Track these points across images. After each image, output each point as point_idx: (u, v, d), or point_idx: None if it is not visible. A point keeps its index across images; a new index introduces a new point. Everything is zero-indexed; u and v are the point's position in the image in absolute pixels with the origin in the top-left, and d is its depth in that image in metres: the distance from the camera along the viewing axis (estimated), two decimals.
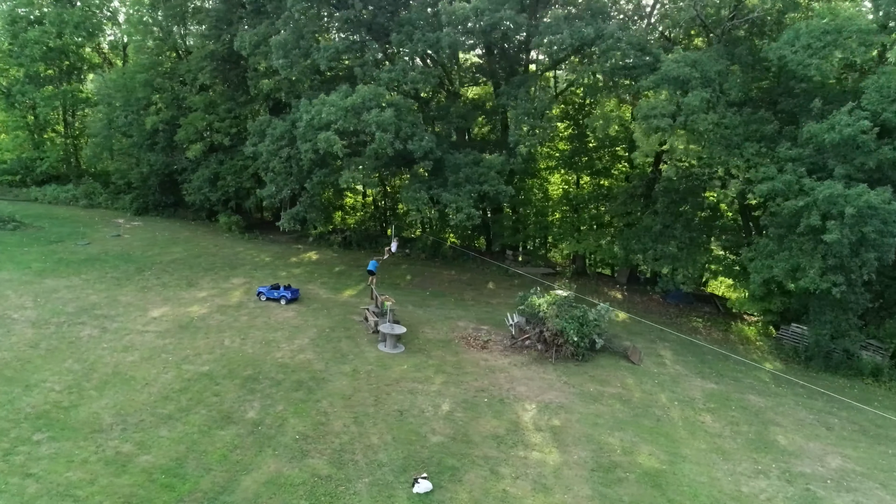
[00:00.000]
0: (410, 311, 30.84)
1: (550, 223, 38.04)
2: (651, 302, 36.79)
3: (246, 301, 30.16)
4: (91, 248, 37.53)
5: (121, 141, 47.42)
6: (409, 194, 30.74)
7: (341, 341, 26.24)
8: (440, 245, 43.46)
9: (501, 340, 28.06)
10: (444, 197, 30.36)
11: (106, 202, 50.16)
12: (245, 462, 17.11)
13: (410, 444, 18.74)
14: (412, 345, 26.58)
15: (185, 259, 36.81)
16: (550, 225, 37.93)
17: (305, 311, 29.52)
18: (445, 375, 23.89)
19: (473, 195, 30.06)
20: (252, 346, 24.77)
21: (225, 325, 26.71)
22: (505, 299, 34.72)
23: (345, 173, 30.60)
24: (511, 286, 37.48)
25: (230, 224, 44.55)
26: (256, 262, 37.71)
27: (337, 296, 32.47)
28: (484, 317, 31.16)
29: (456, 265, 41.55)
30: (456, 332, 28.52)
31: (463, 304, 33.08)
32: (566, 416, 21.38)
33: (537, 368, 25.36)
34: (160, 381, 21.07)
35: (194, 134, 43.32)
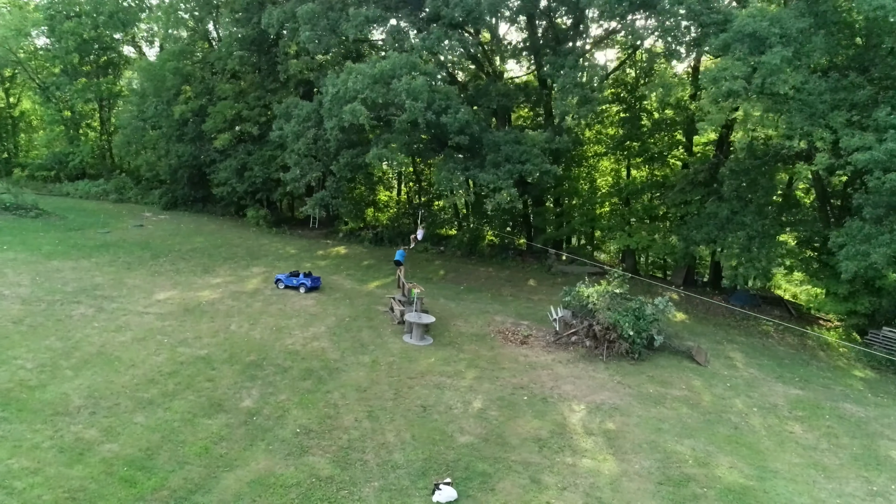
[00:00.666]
0: (442, 304, 27.49)
1: (598, 216, 34.21)
2: (712, 304, 32.58)
3: (262, 288, 27.29)
4: (110, 236, 35.43)
5: (150, 133, 45.65)
6: (443, 174, 27.55)
7: (362, 331, 23.03)
8: (477, 243, 40.08)
9: (544, 336, 24.43)
10: (480, 177, 27.06)
11: (136, 197, 48.49)
12: (230, 457, 13.92)
13: (433, 444, 15.29)
14: (442, 337, 23.20)
15: (205, 248, 34.33)
16: (598, 218, 34.11)
17: (326, 300, 26.46)
18: (478, 370, 20.40)
19: (514, 175, 26.66)
20: (261, 332, 21.76)
21: (235, 311, 23.82)
22: (547, 296, 31.06)
23: (373, 150, 27.60)
24: (554, 284, 33.80)
25: (258, 218, 42.10)
26: (280, 253, 34.98)
27: (362, 287, 29.37)
28: (524, 312, 27.59)
29: (494, 263, 38.07)
30: (492, 327, 25.03)
31: (500, 300, 29.57)
32: (622, 420, 17.61)
33: (585, 366, 21.64)
34: (148, 364, 18.16)
35: (223, 123, 41.16)
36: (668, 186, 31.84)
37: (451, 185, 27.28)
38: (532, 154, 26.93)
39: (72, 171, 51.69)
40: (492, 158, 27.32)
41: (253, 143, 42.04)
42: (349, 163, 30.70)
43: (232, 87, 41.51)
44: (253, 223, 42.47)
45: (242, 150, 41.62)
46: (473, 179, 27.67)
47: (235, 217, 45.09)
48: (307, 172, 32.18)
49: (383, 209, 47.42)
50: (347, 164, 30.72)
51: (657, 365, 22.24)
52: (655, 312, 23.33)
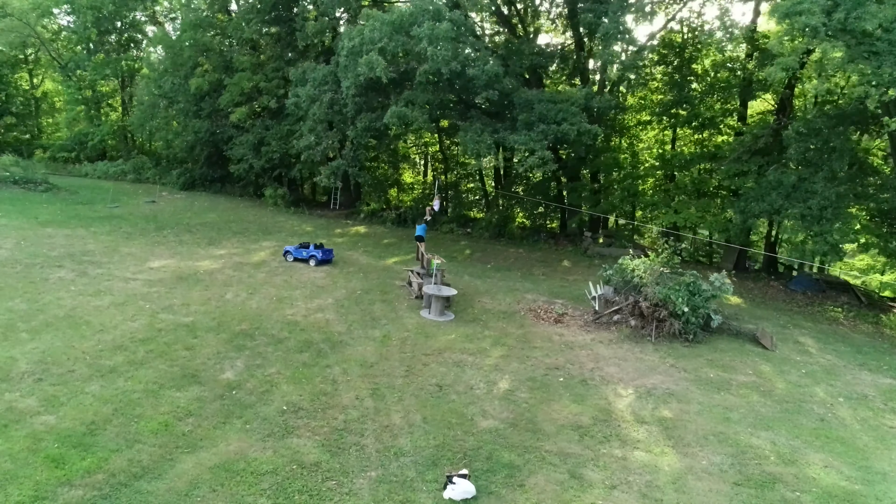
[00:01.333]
0: (466, 281, 24.51)
1: (641, 192, 30.75)
2: (769, 289, 28.94)
3: (269, 261, 24.67)
4: (118, 210, 33.33)
5: (167, 109, 43.62)
6: (470, 136, 24.53)
7: (374, 304, 20.18)
8: (506, 225, 36.94)
9: (581, 315, 21.26)
10: (511, 139, 23.97)
11: (154, 177, 46.53)
12: (195, 436, 11.15)
13: (449, 429, 12.32)
14: (465, 314, 20.23)
15: (215, 223, 31.94)
16: (641, 194, 30.64)
17: (337, 273, 23.70)
18: (506, 349, 17.35)
19: (549, 136, 23.51)
20: (259, 302, 19.06)
21: (234, 280, 21.20)
22: (584, 276, 27.81)
23: (391, 108, 24.74)
24: (591, 265, 30.53)
25: (276, 197, 39.66)
26: (295, 230, 32.39)
27: (379, 262, 26.55)
28: (558, 291, 24.43)
29: (524, 245, 34.92)
30: (522, 304, 21.95)
31: (531, 278, 26.45)
32: (680, 407, 14.38)
33: (631, 347, 18.42)
34: (120, 329, 15.56)
35: (239, 96, 38.83)
36: (720, 157, 28.27)
37: (478, 148, 24.24)
38: (569, 112, 23.75)
39: (91, 152, 50.10)
40: (524, 118, 24.23)
41: (271, 118, 39.66)
42: (368, 127, 27.87)
43: (250, 58, 39.16)
44: (271, 203, 40.09)
45: (260, 125, 39.23)
46: (503, 142, 24.59)
47: (254, 198, 42.77)
48: (322, 140, 29.47)
49: (407, 190, 44.60)
50: (366, 128, 27.89)
51: (716, 348, 18.88)
52: (711, 290, 19.99)
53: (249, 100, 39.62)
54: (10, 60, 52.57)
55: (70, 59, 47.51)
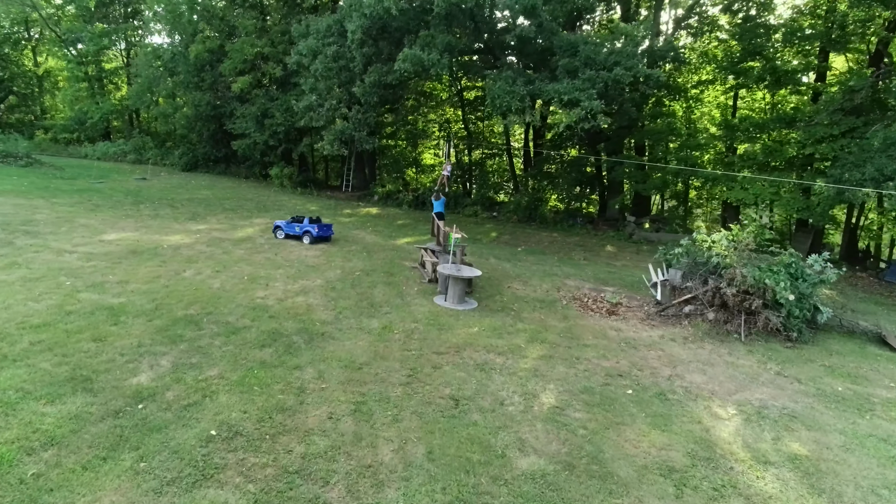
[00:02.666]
0: (493, 264, 19.81)
1: (699, 164, 25.57)
2: (858, 280, 23.71)
3: (255, 237, 20.23)
4: (102, 185, 29.25)
5: (167, 82, 39.57)
6: (499, 86, 19.76)
7: (375, 287, 15.57)
8: (537, 207, 32.08)
9: (640, 306, 16.42)
10: (550, 89, 19.14)
11: (155, 157, 42.61)
12: (45, 483, 6.61)
13: (468, 471, 7.63)
14: (492, 301, 15.52)
15: (206, 199, 27.66)
16: (699, 165, 25.45)
17: (335, 251, 19.15)
18: (547, 347, 12.59)
19: (598, 84, 18.63)
20: (225, 281, 14.56)
21: (203, 257, 16.74)
22: (633, 262, 22.92)
23: (404, 51, 20.08)
24: (639, 251, 25.59)
25: (282, 177, 35.35)
26: (298, 209, 27.97)
27: (388, 241, 21.95)
28: (606, 277, 19.58)
29: (559, 229, 30.09)
30: (563, 292, 17.17)
31: (571, 263, 21.63)
32: (814, 437, 9.49)
33: (715, 347, 13.52)
34: (13, 311, 11.13)
35: (242, 63, 34.59)
36: (798, 121, 23.07)
37: (509, 101, 19.46)
38: (624, 54, 18.84)
39: (92, 132, 46.40)
40: (566, 64, 19.39)
41: (277, 87, 35.37)
42: (378, 83, 23.23)
43: (254, 21, 34.88)
44: (277, 183, 35.83)
45: (264, 96, 34.92)
46: (539, 94, 19.80)
47: (260, 178, 38.56)
48: (326, 98, 24.93)
49: (427, 171, 39.95)
50: (376, 84, 23.25)
51: (829, 350, 13.89)
52: (816, 276, 14.99)
53: (253, 68, 35.40)
54: (13, 38, 49.23)
55: (67, 30, 43.73)
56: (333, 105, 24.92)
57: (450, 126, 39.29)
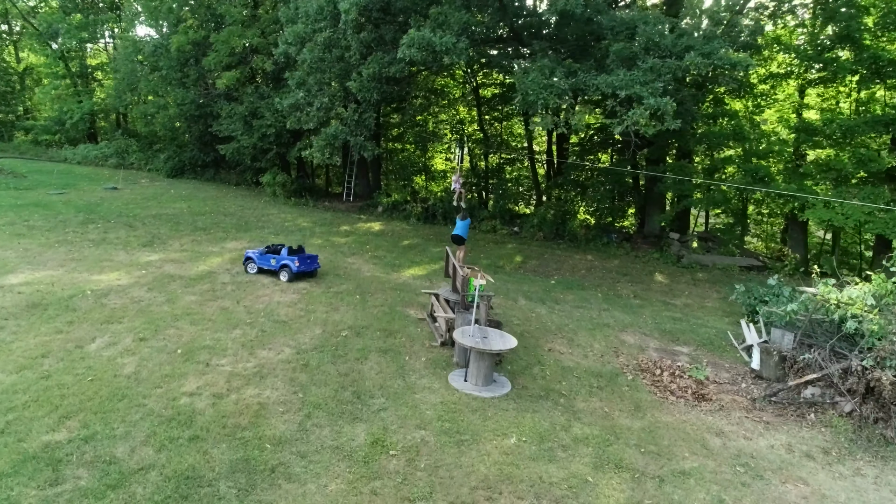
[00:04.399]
0: (524, 309, 15.14)
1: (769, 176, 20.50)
2: None
3: (219, 272, 15.64)
4: (61, 196, 24.85)
5: (148, 78, 35.09)
6: (533, 78, 15.01)
7: (367, 359, 10.92)
8: (565, 222, 27.28)
9: (735, 380, 11.72)
10: (600, 82, 14.36)
11: (139, 161, 38.20)
12: None
13: None
14: (530, 378, 10.88)
15: (177, 215, 23.14)
16: (770, 177, 20.38)
17: (320, 293, 14.51)
18: (627, 478, 7.96)
19: (665, 75, 13.85)
20: (144, 361, 9.95)
21: (134, 311, 12.15)
22: (696, 300, 18.14)
23: (410, 32, 15.35)
24: (695, 281, 20.79)
25: (274, 186, 30.78)
26: (285, 226, 23.41)
27: (390, 274, 17.28)
28: (671, 326, 14.83)
29: (591, 249, 25.33)
30: (623, 356, 12.49)
31: (620, 302, 16.88)
32: None
33: (879, 468, 8.81)
34: None
35: (229, 57, 30.06)
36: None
37: (545, 98, 14.71)
38: (699, 36, 14.02)
39: (73, 133, 42.02)
40: (620, 50, 14.60)
41: (267, 84, 30.83)
42: (378, 75, 18.53)
43: (242, 10, 30.33)
44: (269, 192, 31.28)
45: (253, 93, 30.36)
46: (585, 89, 14.97)
47: (252, 186, 34.03)
48: (316, 94, 20.29)
49: (438, 178, 35.26)
50: (375, 77, 18.55)
51: None
52: None
53: (242, 62, 30.87)
54: None
55: (42, 21, 39.37)
56: (325, 103, 20.27)
57: (462, 127, 34.56)
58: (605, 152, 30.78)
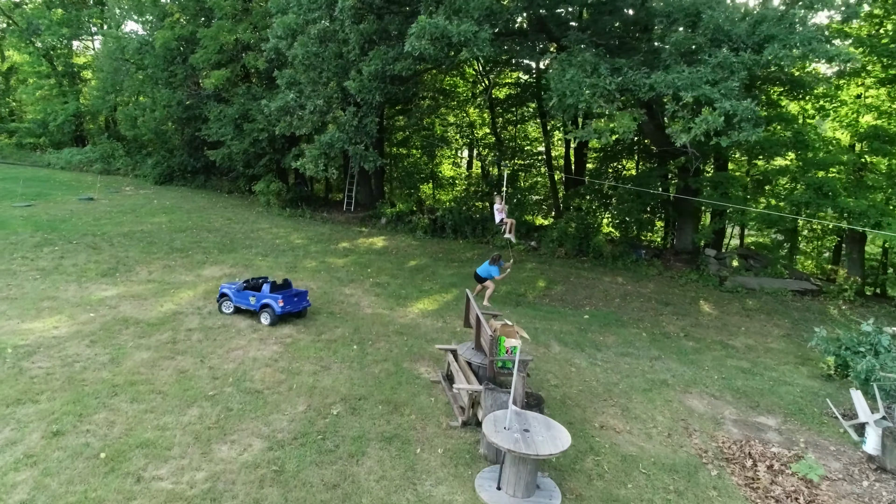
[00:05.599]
0: (558, 358, 12.22)
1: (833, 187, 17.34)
2: None
3: (189, 311, 12.73)
4: (26, 209, 22.01)
5: (133, 77, 32.21)
6: (572, 76, 12.02)
7: (366, 456, 7.96)
8: (589, 236, 24.29)
9: (850, 474, 8.75)
10: (656, 81, 11.38)
11: (125, 167, 35.37)
12: None
13: None
14: (581, 478, 7.91)
15: (153, 233, 20.25)
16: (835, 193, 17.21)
17: (308, 342, 11.57)
18: None
19: (739, 71, 10.82)
20: (49, 480, 7.02)
21: (62, 379, 9.26)
22: (759, 338, 15.16)
23: (420, 19, 12.38)
24: (748, 311, 17.80)
25: (268, 195, 27.87)
26: (276, 244, 20.51)
27: (394, 310, 14.34)
28: (744, 385, 11.84)
29: (619, 268, 22.39)
30: (697, 434, 9.51)
31: (671, 345, 13.90)
32: None
33: None
34: None
35: (217, 54, 27.18)
36: None
37: (588, 99, 11.73)
38: (782, 22, 11.00)
39: (58, 136, 39.21)
40: (679, 41, 11.60)
41: (260, 84, 27.92)
42: (380, 74, 15.56)
43: (232, 2, 27.38)
44: (263, 201, 28.38)
45: (244, 94, 27.44)
46: (636, 90, 11.96)
47: (246, 194, 31.14)
48: (310, 96, 17.35)
49: (446, 186, 32.28)
50: (377, 75, 15.59)
51: None
52: None
53: (232, 60, 27.99)
54: None
55: (24, 18, 36.49)
56: (320, 106, 17.33)
57: (473, 130, 31.52)
58: (631, 159, 27.75)
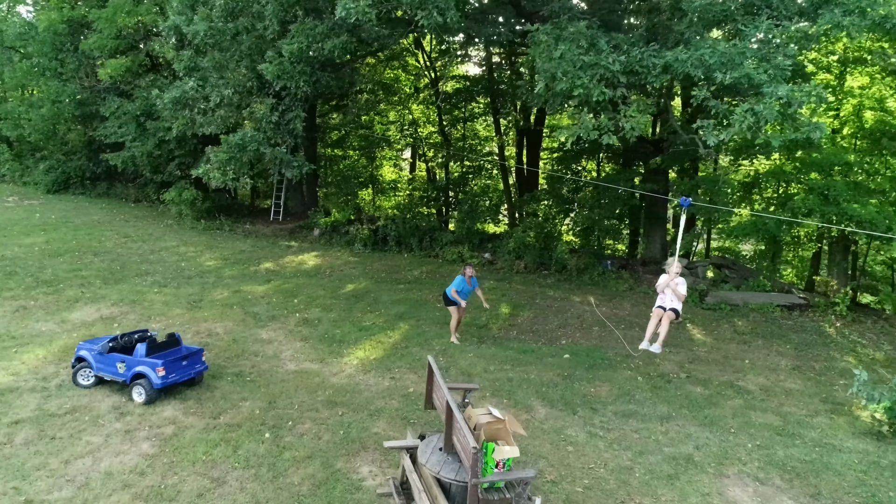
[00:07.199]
0: (546, 428, 9.08)
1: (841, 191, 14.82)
2: None
3: (31, 385, 8.79)
4: None
5: (17, 65, 27.07)
6: (563, 52, 8.85)
7: None
8: (552, 246, 21.33)
9: None
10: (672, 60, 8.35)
11: (12, 173, 30.06)
12: None
13: None
14: None
15: (20, 259, 15.91)
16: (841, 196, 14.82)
17: (196, 435, 7.89)
18: None
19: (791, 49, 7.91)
20: None
21: None
22: (770, 376, 12.49)
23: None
24: (741, 335, 15.23)
25: (180, 204, 23.56)
26: (181, 268, 16.54)
27: (326, 363, 10.79)
28: (787, 456, 8.96)
29: (588, 283, 19.57)
30: None
31: (678, 395, 10.98)
32: None
33: None
34: None
35: (114, 39, 22.72)
36: None
37: (587, 86, 8.58)
38: None
39: None
40: (704, 5, 8.56)
41: (170, 75, 23.59)
42: (304, 54, 11.87)
43: None
44: (175, 212, 24.07)
45: (149, 87, 23.01)
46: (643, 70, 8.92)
47: (156, 203, 26.55)
48: (215, 87, 13.53)
49: (388, 192, 28.70)
50: (300, 56, 11.92)
51: None
52: None
53: (133, 47, 23.58)
54: None
55: None
56: (228, 97, 13.54)
57: (416, 129, 28.05)
58: (592, 159, 25.07)
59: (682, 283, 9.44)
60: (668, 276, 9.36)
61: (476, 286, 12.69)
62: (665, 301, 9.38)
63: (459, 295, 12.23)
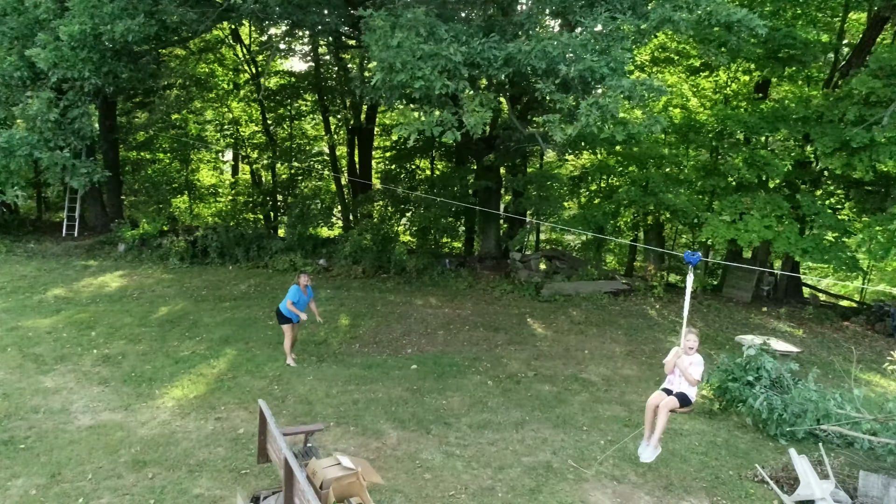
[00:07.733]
0: (399, 455, 8.21)
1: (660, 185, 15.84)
2: (842, 333, 16.45)
3: None
4: None
5: None
6: (402, 41, 7.88)
7: None
8: (388, 247, 20.60)
9: None
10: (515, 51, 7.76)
11: None
12: None
13: None
14: None
15: None
16: (660, 188, 15.75)
17: None
18: None
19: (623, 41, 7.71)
20: None
21: None
22: (609, 364, 12.89)
23: None
24: (577, 326, 15.73)
25: None
26: None
27: (131, 413, 8.87)
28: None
29: (428, 284, 19.23)
30: None
31: (528, 395, 10.78)
32: None
33: None
34: None
35: None
36: (806, 120, 14.94)
37: (426, 73, 7.74)
38: None
39: None
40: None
41: None
42: (88, 39, 9.60)
43: None
44: None
45: None
46: (485, 62, 8.19)
47: None
48: None
49: (207, 198, 25.90)
50: (84, 40, 9.63)
51: None
52: None
53: None
54: None
55: None
56: None
57: (238, 128, 25.62)
58: (426, 158, 24.74)
59: (698, 364, 7.27)
60: (677, 351, 7.42)
61: (311, 297, 11.46)
62: (673, 384, 7.56)
63: (296, 306, 10.94)
